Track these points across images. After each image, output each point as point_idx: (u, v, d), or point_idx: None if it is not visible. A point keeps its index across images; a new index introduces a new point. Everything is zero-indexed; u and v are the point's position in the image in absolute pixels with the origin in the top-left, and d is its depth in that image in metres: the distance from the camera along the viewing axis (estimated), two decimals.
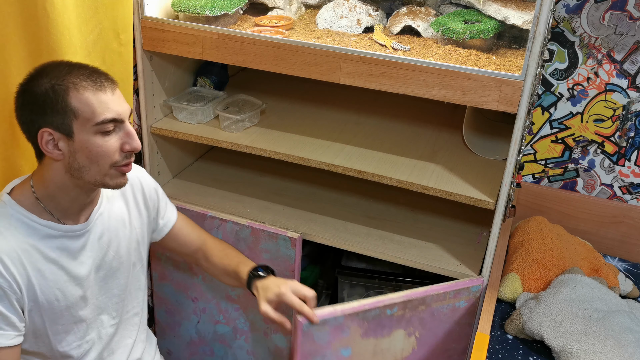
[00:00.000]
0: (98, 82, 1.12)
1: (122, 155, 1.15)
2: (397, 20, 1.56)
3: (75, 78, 1.10)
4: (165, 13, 1.64)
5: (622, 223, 1.87)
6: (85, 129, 1.10)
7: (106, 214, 1.29)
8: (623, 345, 1.31)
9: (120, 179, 1.18)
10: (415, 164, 1.59)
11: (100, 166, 1.13)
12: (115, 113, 1.12)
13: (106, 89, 1.12)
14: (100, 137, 1.12)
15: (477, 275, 1.51)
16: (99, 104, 1.10)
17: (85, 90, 1.10)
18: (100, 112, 1.10)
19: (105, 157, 1.13)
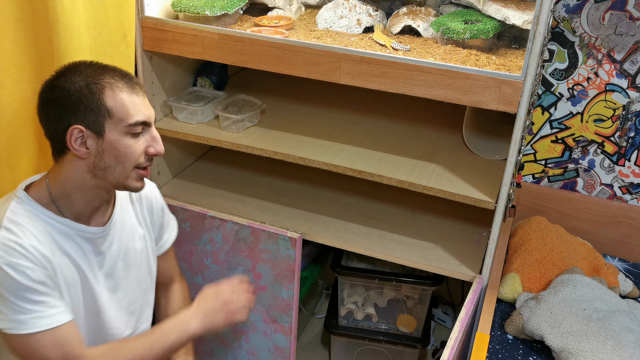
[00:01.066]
0: (132, 84, 1.15)
1: (145, 158, 1.18)
2: (397, 20, 1.56)
3: (111, 78, 1.13)
4: (165, 13, 1.64)
5: (622, 223, 1.87)
6: (117, 129, 1.12)
7: (119, 223, 1.29)
8: (623, 345, 1.31)
9: (140, 182, 1.20)
10: (415, 164, 1.59)
11: (125, 167, 1.15)
12: (146, 116, 1.15)
13: (139, 92, 1.15)
14: (129, 138, 1.14)
15: (477, 275, 1.52)
16: (132, 106, 1.13)
17: (121, 91, 1.12)
18: (134, 113, 1.13)
19: (131, 158, 1.15)
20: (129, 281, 1.32)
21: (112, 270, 1.27)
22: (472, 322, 1.51)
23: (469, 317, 1.41)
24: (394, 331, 1.84)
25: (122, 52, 1.47)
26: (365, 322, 1.86)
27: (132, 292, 1.33)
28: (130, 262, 1.32)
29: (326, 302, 2.23)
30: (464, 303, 1.43)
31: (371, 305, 1.86)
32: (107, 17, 1.40)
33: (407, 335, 1.82)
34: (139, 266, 1.35)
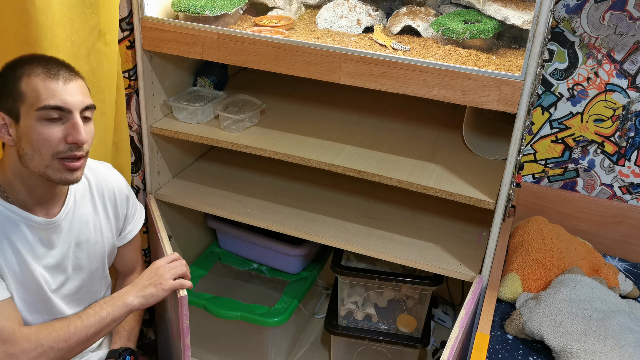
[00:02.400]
0: (53, 70, 1.13)
1: (65, 147, 1.14)
2: (397, 20, 1.56)
3: (32, 66, 1.13)
4: (165, 13, 1.64)
5: (622, 223, 1.87)
6: (29, 115, 1.11)
7: (71, 215, 1.29)
8: (623, 345, 1.31)
9: (65, 174, 1.16)
10: (415, 164, 1.59)
11: (43, 155, 1.13)
12: (61, 101, 1.12)
13: (59, 77, 1.13)
14: (43, 124, 1.12)
15: (477, 275, 1.51)
16: (45, 90, 1.11)
17: (37, 77, 1.11)
18: (45, 97, 1.11)
19: (46, 145, 1.12)
20: (78, 272, 1.32)
21: (61, 261, 1.28)
22: (472, 322, 1.51)
23: (469, 317, 1.41)
24: (394, 331, 1.84)
25: (99, 49, 1.45)
26: (365, 322, 1.86)
27: (81, 282, 1.34)
28: (81, 254, 1.32)
29: (326, 302, 2.23)
30: (464, 303, 1.43)
31: (371, 305, 1.86)
32: (85, 14, 1.38)
33: (407, 335, 1.82)
34: (91, 258, 1.35)
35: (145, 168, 1.78)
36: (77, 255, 1.31)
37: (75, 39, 1.37)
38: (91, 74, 1.43)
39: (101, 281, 1.42)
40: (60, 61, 1.17)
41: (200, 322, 1.92)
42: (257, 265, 2.07)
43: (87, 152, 1.19)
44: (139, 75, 1.65)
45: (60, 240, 1.27)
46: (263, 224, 1.71)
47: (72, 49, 1.37)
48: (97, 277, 1.39)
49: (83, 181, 1.32)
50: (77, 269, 1.32)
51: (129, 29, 1.59)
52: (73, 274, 1.31)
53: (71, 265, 1.30)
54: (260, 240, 1.97)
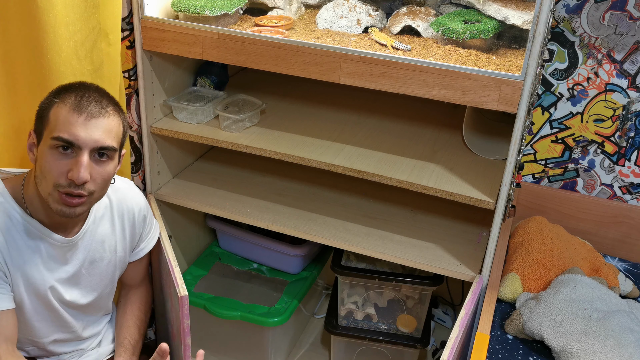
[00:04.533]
0: (83, 105, 1.11)
1: (65, 181, 1.11)
2: (397, 20, 1.56)
3: (69, 94, 1.13)
4: (165, 13, 1.64)
5: (622, 223, 1.87)
6: (46, 140, 1.12)
7: (89, 234, 1.30)
8: (623, 345, 1.31)
9: (62, 206, 1.13)
10: (415, 164, 1.59)
11: (47, 182, 1.12)
12: (73, 136, 1.10)
13: (83, 112, 1.11)
14: (53, 153, 1.11)
15: (477, 275, 1.51)
16: (64, 122, 1.10)
17: (65, 106, 1.11)
18: (60, 128, 1.10)
19: (50, 174, 1.11)
20: (88, 288, 1.34)
21: (73, 277, 1.29)
22: (472, 322, 1.51)
23: (469, 317, 1.41)
24: (394, 331, 1.84)
25: (101, 49, 1.45)
26: (365, 322, 1.86)
27: (91, 297, 1.35)
28: (94, 272, 1.33)
29: (326, 302, 2.23)
30: (464, 303, 1.43)
31: (371, 305, 1.86)
32: (87, 14, 1.38)
33: (407, 335, 1.82)
34: (102, 275, 1.36)
35: (145, 168, 1.78)
36: (89, 272, 1.32)
37: (77, 38, 1.37)
38: (93, 74, 1.43)
39: (109, 296, 1.44)
40: (100, 95, 1.15)
41: (200, 322, 1.92)
42: (257, 265, 2.07)
43: (92, 193, 1.15)
44: (139, 75, 1.65)
45: (74, 257, 1.28)
46: (263, 224, 1.71)
47: (75, 49, 1.37)
48: (105, 293, 1.41)
49: (104, 200, 1.32)
50: (88, 285, 1.34)
51: (129, 29, 1.59)
52: (84, 288, 1.33)
53: (82, 280, 1.32)
54: (260, 240, 1.97)
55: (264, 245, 1.97)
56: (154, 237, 1.51)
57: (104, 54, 1.47)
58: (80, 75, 1.39)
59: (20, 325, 1.22)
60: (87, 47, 1.41)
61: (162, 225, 1.65)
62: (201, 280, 1.98)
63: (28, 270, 1.20)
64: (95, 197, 1.18)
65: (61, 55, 1.33)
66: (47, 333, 1.30)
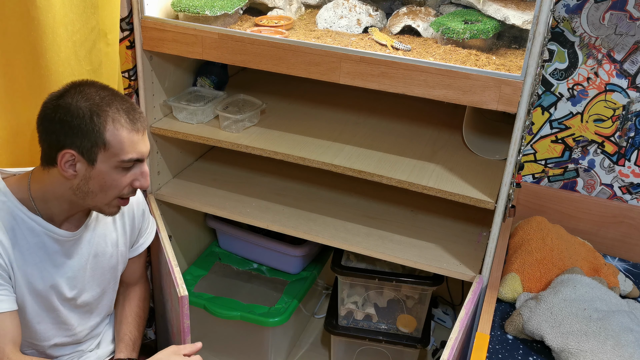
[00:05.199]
0: (134, 121, 1.16)
1: (129, 190, 1.20)
2: (397, 20, 1.56)
3: (115, 112, 1.14)
4: (165, 13, 1.64)
5: (622, 223, 1.87)
6: (109, 162, 1.15)
7: (92, 228, 1.31)
8: (623, 345, 1.31)
9: (115, 209, 1.24)
10: (415, 164, 1.59)
11: (107, 196, 1.18)
12: (140, 154, 1.18)
13: (139, 130, 1.17)
14: (118, 172, 1.17)
15: (477, 275, 1.51)
16: (130, 144, 1.15)
17: (122, 128, 1.14)
18: (129, 151, 1.15)
19: (115, 189, 1.18)
20: (91, 283, 1.34)
21: (77, 273, 1.30)
22: (472, 322, 1.51)
23: (469, 317, 1.41)
24: (394, 331, 1.84)
25: (100, 50, 1.45)
26: (365, 322, 1.86)
27: (92, 293, 1.36)
28: (96, 266, 1.34)
29: (326, 302, 2.23)
30: (464, 303, 1.43)
31: (371, 305, 1.86)
32: (86, 14, 1.38)
33: (407, 335, 1.82)
34: (105, 270, 1.37)
35: None
36: (93, 267, 1.33)
37: (76, 38, 1.37)
38: (92, 74, 1.43)
39: (112, 294, 1.44)
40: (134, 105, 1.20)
41: (200, 322, 1.92)
42: (257, 265, 2.07)
43: None
44: (139, 75, 1.65)
45: (79, 251, 1.29)
46: (263, 224, 1.71)
47: (74, 49, 1.37)
48: (109, 289, 1.41)
49: None
50: (92, 281, 1.34)
51: (129, 29, 1.59)
52: (88, 285, 1.34)
53: (87, 276, 1.32)
54: (260, 240, 1.97)
55: (264, 245, 1.97)
56: (152, 232, 1.52)
57: (102, 54, 1.47)
58: (79, 75, 1.39)
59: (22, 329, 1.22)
60: (86, 48, 1.41)
61: (162, 225, 1.65)
62: (201, 280, 1.98)
63: (32, 268, 1.20)
64: None
65: (60, 55, 1.33)
66: (48, 336, 1.30)
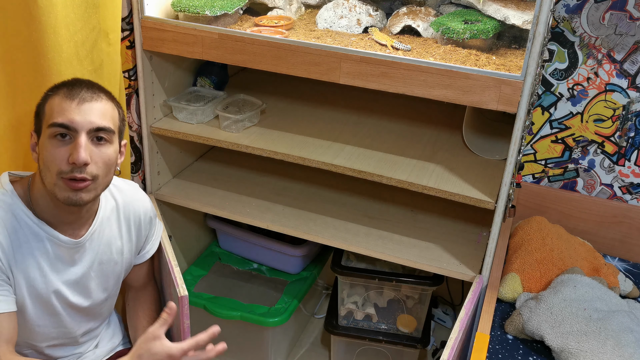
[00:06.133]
0: (74, 91, 1.14)
1: (68, 167, 1.11)
2: (397, 20, 1.56)
3: (61, 87, 1.15)
4: (165, 13, 1.64)
5: (622, 223, 1.87)
6: (45, 132, 1.13)
7: (97, 236, 1.30)
8: (623, 345, 1.31)
9: (69, 193, 1.13)
10: (415, 164, 1.59)
11: (51, 173, 1.12)
12: (68, 120, 1.11)
13: (75, 97, 1.13)
14: (52, 142, 1.12)
15: (477, 275, 1.51)
16: (58, 109, 1.12)
17: (57, 96, 1.14)
18: (55, 115, 1.12)
19: (53, 163, 1.12)
20: (95, 290, 1.33)
21: (81, 279, 1.29)
22: (472, 322, 1.51)
23: (469, 317, 1.41)
24: (394, 331, 1.84)
25: (101, 49, 1.45)
26: (365, 322, 1.86)
27: (96, 299, 1.35)
28: (100, 273, 1.33)
29: (326, 302, 2.23)
30: (464, 303, 1.43)
31: (371, 305, 1.86)
32: (87, 14, 1.38)
33: (407, 335, 1.82)
34: (109, 277, 1.36)
35: (145, 168, 1.78)
36: (97, 274, 1.32)
37: (77, 38, 1.37)
38: (93, 74, 1.43)
39: (114, 298, 1.44)
40: (91, 84, 1.17)
41: (200, 322, 1.92)
42: (257, 265, 2.07)
43: (95, 177, 1.14)
44: (139, 75, 1.65)
45: (82, 259, 1.28)
46: (263, 224, 1.71)
47: (75, 49, 1.37)
48: (112, 295, 1.41)
49: (111, 203, 1.33)
50: (96, 288, 1.33)
51: (129, 29, 1.59)
52: (92, 291, 1.33)
53: (90, 282, 1.32)
54: (260, 240, 1.97)
55: (264, 245, 1.97)
56: (158, 237, 1.51)
57: (104, 54, 1.47)
58: (81, 75, 1.39)
59: (21, 329, 1.22)
60: (87, 47, 1.41)
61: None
62: (201, 280, 1.98)
63: (34, 272, 1.20)
64: (100, 183, 1.17)
65: (61, 55, 1.33)
66: (47, 338, 1.30)
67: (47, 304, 1.24)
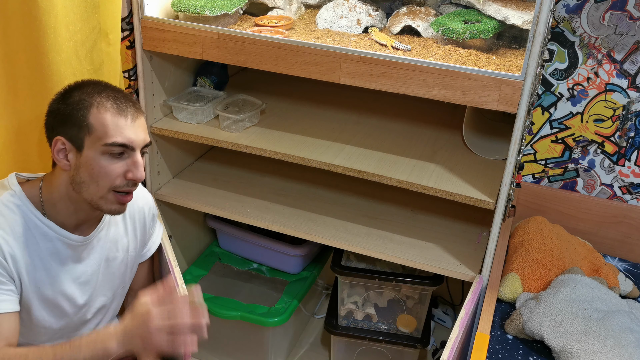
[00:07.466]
0: (122, 107, 1.16)
1: (123, 182, 1.17)
2: (397, 20, 1.56)
3: (102, 98, 1.15)
4: (165, 13, 1.64)
5: (622, 223, 1.87)
6: (94, 147, 1.14)
7: (104, 233, 1.31)
8: (623, 345, 1.31)
9: (116, 206, 1.19)
10: (415, 164, 1.59)
11: (100, 186, 1.15)
12: (127, 139, 1.15)
13: (127, 115, 1.16)
14: (106, 158, 1.15)
15: (477, 275, 1.51)
16: (114, 127, 1.14)
17: (107, 111, 1.14)
18: (112, 134, 1.14)
19: (105, 178, 1.15)
20: (102, 288, 1.34)
21: (90, 277, 1.29)
22: (472, 322, 1.51)
23: (469, 317, 1.41)
24: (394, 331, 1.84)
25: (101, 49, 1.46)
26: (365, 322, 1.86)
27: (103, 299, 1.35)
28: (107, 271, 1.34)
29: (326, 302, 2.23)
30: (464, 303, 1.43)
31: (371, 305, 1.86)
32: (87, 14, 1.39)
33: (407, 335, 1.82)
34: (115, 275, 1.36)
35: (145, 168, 1.78)
36: (104, 272, 1.33)
37: (77, 38, 1.37)
38: (93, 74, 1.43)
39: (120, 300, 1.44)
40: (127, 96, 1.20)
41: None
42: (257, 265, 2.07)
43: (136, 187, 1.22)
44: (139, 75, 1.65)
45: (90, 257, 1.28)
46: (263, 224, 1.71)
47: (75, 49, 1.37)
48: (117, 295, 1.41)
49: None
50: (103, 286, 1.34)
51: (129, 29, 1.60)
52: (100, 290, 1.33)
53: (99, 280, 1.32)
54: (260, 240, 1.97)
55: (264, 245, 1.97)
56: (159, 235, 1.52)
57: (104, 54, 1.47)
58: (80, 75, 1.39)
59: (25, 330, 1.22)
60: (87, 47, 1.41)
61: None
62: (201, 280, 1.98)
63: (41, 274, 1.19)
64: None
65: (61, 55, 1.33)
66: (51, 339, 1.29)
67: (54, 304, 1.24)
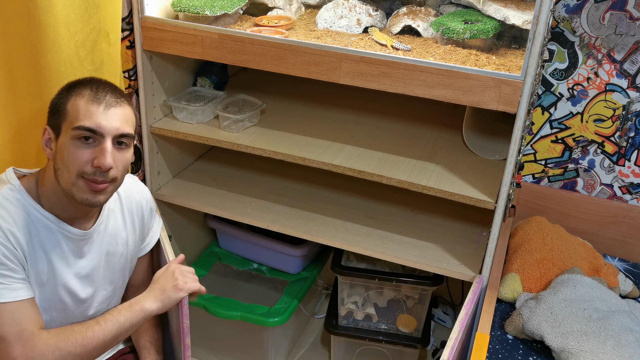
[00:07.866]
0: (100, 95, 1.16)
1: (91, 170, 1.15)
2: (397, 20, 1.56)
3: (83, 88, 1.17)
4: (165, 13, 1.64)
5: (622, 223, 1.87)
6: (67, 133, 1.15)
7: (103, 227, 1.31)
8: (623, 345, 1.31)
9: (88, 194, 1.17)
10: (415, 164, 1.59)
11: (70, 173, 1.15)
12: (95, 124, 1.14)
13: (102, 102, 1.16)
14: (75, 143, 1.15)
15: (477, 275, 1.51)
16: (85, 112, 1.14)
17: (82, 98, 1.15)
18: (82, 118, 1.14)
19: (74, 163, 1.14)
20: (103, 282, 1.34)
21: (91, 272, 1.30)
22: (472, 322, 1.51)
23: (469, 317, 1.41)
24: (394, 331, 1.84)
25: (102, 49, 1.46)
26: (365, 322, 1.86)
27: (104, 292, 1.36)
28: (108, 265, 1.34)
29: (326, 302, 2.23)
30: (464, 303, 1.43)
31: (371, 305, 1.86)
32: (87, 14, 1.39)
33: (407, 335, 1.82)
34: (115, 269, 1.37)
35: (145, 168, 1.78)
36: (105, 266, 1.33)
37: (77, 38, 1.37)
38: (93, 74, 1.43)
39: (120, 295, 1.44)
40: (113, 87, 1.20)
41: (200, 322, 1.92)
42: (257, 265, 2.07)
43: (114, 179, 1.19)
44: (139, 75, 1.65)
45: (91, 251, 1.29)
46: (263, 224, 1.71)
47: (75, 49, 1.37)
48: (118, 289, 1.41)
49: (114, 195, 1.34)
50: (104, 280, 1.34)
51: (129, 29, 1.60)
52: (101, 284, 1.34)
53: (100, 276, 1.33)
54: (260, 240, 1.97)
55: (264, 245, 1.97)
56: (157, 229, 1.52)
57: (104, 54, 1.47)
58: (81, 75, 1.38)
59: None
60: (88, 47, 1.41)
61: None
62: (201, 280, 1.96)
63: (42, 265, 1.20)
64: (116, 184, 1.22)
65: (61, 55, 1.33)
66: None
67: (55, 297, 1.25)
